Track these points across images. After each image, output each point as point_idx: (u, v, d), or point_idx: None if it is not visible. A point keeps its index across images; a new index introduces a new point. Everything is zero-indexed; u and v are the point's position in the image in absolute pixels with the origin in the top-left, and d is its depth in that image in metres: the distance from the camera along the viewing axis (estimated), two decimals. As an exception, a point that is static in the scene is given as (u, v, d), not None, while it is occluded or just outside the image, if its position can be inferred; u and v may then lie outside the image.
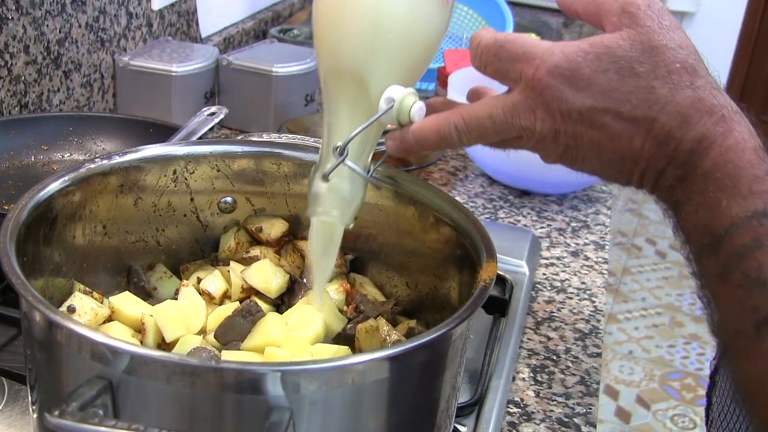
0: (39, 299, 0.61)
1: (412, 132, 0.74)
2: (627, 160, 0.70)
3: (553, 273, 1.22)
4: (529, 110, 0.70)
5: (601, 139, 0.69)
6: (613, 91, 0.68)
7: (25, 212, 0.72)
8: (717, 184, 0.65)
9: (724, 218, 0.65)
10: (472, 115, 0.72)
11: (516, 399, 0.94)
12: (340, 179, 0.77)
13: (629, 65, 0.68)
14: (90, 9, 1.40)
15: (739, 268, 0.63)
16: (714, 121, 0.67)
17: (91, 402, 0.57)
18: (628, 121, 0.68)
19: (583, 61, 0.68)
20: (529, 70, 0.69)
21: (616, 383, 3.05)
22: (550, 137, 0.71)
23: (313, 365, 0.61)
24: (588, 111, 0.68)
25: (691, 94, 0.67)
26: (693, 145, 0.67)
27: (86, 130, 1.30)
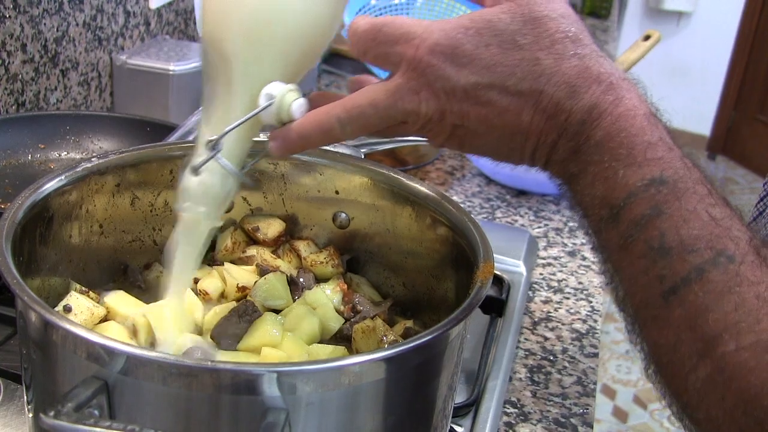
0: (35, 299, 0.61)
1: (294, 129, 0.70)
2: (517, 136, 0.67)
3: (550, 273, 1.22)
4: (412, 92, 0.67)
5: (488, 116, 0.66)
6: (497, 65, 0.65)
7: (21, 212, 0.72)
8: (611, 153, 0.64)
9: (621, 188, 0.63)
10: (354, 105, 0.69)
11: (513, 399, 0.94)
12: (211, 175, 0.73)
13: (511, 38, 0.65)
14: (87, 8, 1.40)
15: (640, 238, 0.62)
16: (603, 90, 0.65)
17: (86, 402, 0.57)
18: (515, 95, 0.65)
19: (464, 37, 0.65)
20: (409, 51, 0.66)
21: (613, 383, 3.05)
22: (436, 118, 0.68)
23: (310, 366, 0.61)
24: (473, 87, 0.65)
25: (578, 63, 0.65)
26: (583, 116, 0.65)
27: (83, 128, 1.30)
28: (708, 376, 0.59)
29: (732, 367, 0.58)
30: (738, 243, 0.61)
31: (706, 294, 0.60)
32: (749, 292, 0.59)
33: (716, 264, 0.60)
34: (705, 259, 0.60)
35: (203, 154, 0.72)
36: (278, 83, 0.71)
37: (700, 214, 0.62)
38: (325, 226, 0.91)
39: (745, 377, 0.58)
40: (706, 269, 0.60)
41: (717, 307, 0.59)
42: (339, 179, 0.88)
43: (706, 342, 0.59)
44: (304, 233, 0.92)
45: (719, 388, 0.59)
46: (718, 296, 0.59)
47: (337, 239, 0.91)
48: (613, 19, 3.04)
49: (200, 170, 0.72)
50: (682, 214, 0.61)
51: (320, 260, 0.88)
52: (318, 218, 0.91)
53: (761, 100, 4.74)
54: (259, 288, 0.82)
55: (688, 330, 0.60)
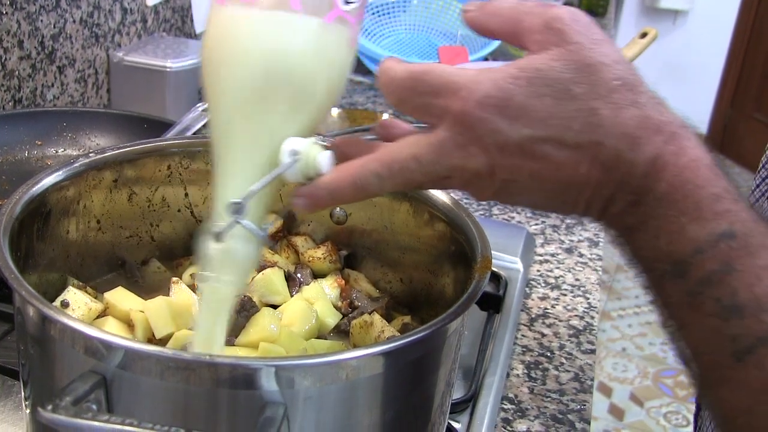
0: (32, 294, 0.61)
1: (324, 186, 0.65)
2: (572, 189, 0.63)
3: (547, 270, 1.22)
4: (460, 147, 0.62)
5: (542, 170, 0.62)
6: (552, 117, 0.60)
7: (18, 207, 0.72)
8: (676, 206, 0.60)
9: (688, 243, 0.60)
10: (393, 159, 0.63)
11: (510, 395, 0.94)
12: (234, 240, 0.67)
13: (565, 87, 0.61)
14: (84, 4, 1.40)
15: (710, 296, 0.59)
16: (664, 140, 0.61)
17: (84, 397, 0.57)
18: (572, 149, 0.61)
19: (515, 88, 0.60)
20: (456, 104, 0.61)
21: (609, 380, 3.06)
22: (485, 174, 0.63)
23: (308, 360, 0.61)
24: (527, 141, 0.61)
25: (637, 113, 0.61)
26: (646, 168, 0.61)
27: (80, 125, 1.30)
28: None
29: None
30: None
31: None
32: None
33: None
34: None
35: (225, 218, 0.66)
36: (297, 138, 0.67)
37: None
38: (322, 221, 0.91)
39: None
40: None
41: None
42: (336, 176, 0.88)
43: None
44: (302, 229, 0.92)
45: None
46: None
47: (335, 235, 0.91)
48: (609, 17, 3.05)
49: (224, 237, 0.67)
50: (755, 271, 0.59)
51: (318, 256, 0.88)
52: (315, 214, 0.91)
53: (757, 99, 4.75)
54: (257, 283, 0.82)
55: (765, 392, 0.58)
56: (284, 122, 0.67)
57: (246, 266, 0.69)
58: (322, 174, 0.65)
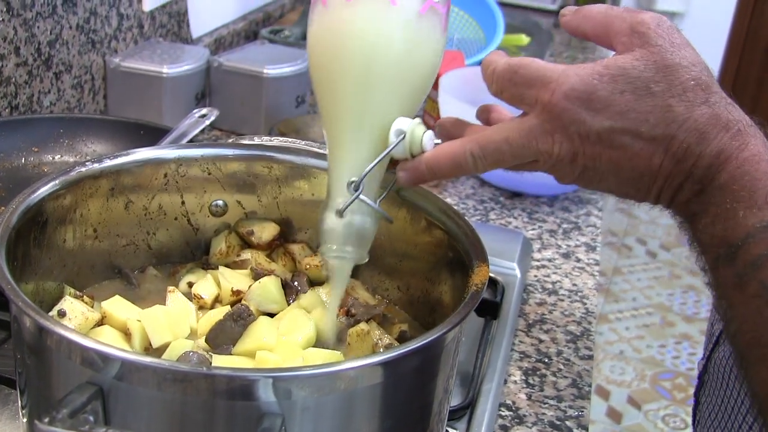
0: (29, 304, 0.61)
1: (426, 162, 0.75)
2: (645, 178, 0.71)
3: (544, 275, 1.22)
4: (546, 134, 0.70)
5: (620, 159, 0.70)
6: (631, 111, 0.68)
7: (15, 216, 0.72)
8: (733, 195, 0.66)
9: (740, 228, 0.65)
10: (488, 141, 0.72)
11: (508, 402, 0.94)
12: (353, 215, 0.76)
13: (645, 85, 0.68)
14: (81, 10, 1.40)
15: (756, 278, 0.64)
16: (730, 136, 0.68)
17: (81, 408, 0.57)
18: (647, 140, 0.69)
19: (599, 83, 0.68)
20: (545, 95, 0.69)
21: (607, 383, 3.06)
22: (568, 159, 0.71)
23: (305, 371, 0.61)
24: (607, 132, 0.69)
25: (707, 111, 0.68)
26: (711, 160, 0.68)
27: (77, 131, 1.30)
28: None
29: None
30: None
31: None
32: None
33: None
34: None
35: (344, 194, 0.76)
36: (403, 118, 0.74)
37: None
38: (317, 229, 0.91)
39: None
40: None
41: None
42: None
43: None
44: (299, 236, 0.92)
45: None
46: None
47: (332, 242, 0.91)
48: (606, 20, 3.04)
49: (345, 212, 0.76)
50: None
51: (315, 263, 0.88)
52: (312, 221, 0.91)
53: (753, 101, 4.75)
54: (254, 292, 0.82)
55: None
56: (389, 106, 0.75)
57: (366, 237, 0.78)
58: (425, 151, 0.75)
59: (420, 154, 0.75)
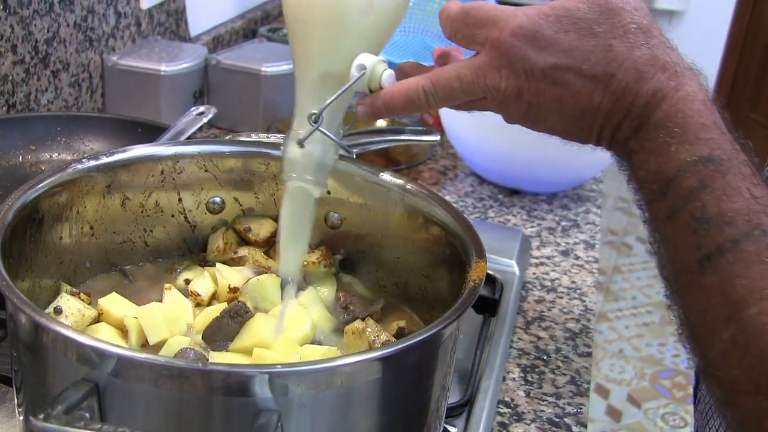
0: (25, 301, 0.61)
1: (382, 97, 0.78)
2: (586, 115, 0.75)
3: (543, 272, 1.22)
4: (494, 69, 0.74)
5: (562, 95, 0.74)
6: (574, 49, 0.72)
7: (11, 213, 0.71)
8: (667, 131, 0.70)
9: (673, 163, 0.69)
10: (440, 78, 0.76)
11: (506, 399, 0.94)
12: (314, 145, 0.79)
13: (588, 26, 0.72)
14: (78, 8, 1.39)
15: (685, 209, 0.68)
16: (667, 76, 0.72)
17: (77, 405, 0.56)
18: (588, 78, 0.73)
19: (545, 23, 0.73)
20: (494, 33, 0.74)
21: (606, 382, 3.06)
22: (514, 95, 0.75)
23: (302, 367, 0.61)
24: (550, 69, 0.73)
25: (647, 52, 0.72)
26: (648, 98, 0.71)
27: (74, 130, 1.29)
28: (731, 338, 0.64)
29: (752, 329, 0.63)
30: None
31: (738, 262, 0.64)
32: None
33: (750, 236, 0.65)
34: (740, 231, 0.65)
35: (306, 126, 0.79)
36: (367, 54, 0.77)
37: (742, 191, 0.67)
38: (317, 226, 0.91)
39: (764, 339, 0.62)
40: (740, 240, 0.65)
41: (745, 274, 0.64)
42: (331, 179, 0.88)
43: (732, 306, 0.64)
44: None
45: (740, 349, 0.63)
46: (748, 265, 0.64)
47: (330, 239, 0.91)
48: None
49: (305, 142, 0.79)
50: (725, 190, 0.67)
51: (312, 260, 0.88)
52: (310, 220, 0.91)
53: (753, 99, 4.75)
54: (250, 289, 0.82)
55: (718, 295, 0.65)
56: (353, 45, 0.77)
57: (325, 166, 0.81)
58: (383, 88, 0.78)
59: (378, 91, 0.78)
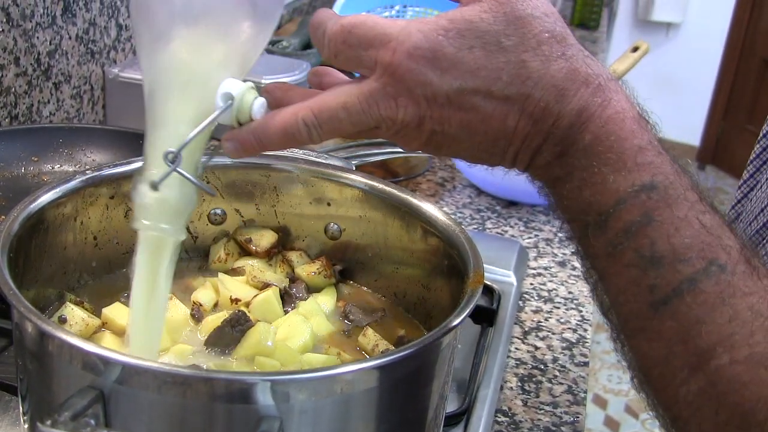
0: (31, 310, 0.62)
1: (254, 131, 0.66)
2: (500, 141, 0.64)
3: (540, 283, 1.23)
4: (389, 98, 0.63)
5: (471, 121, 0.63)
6: (481, 69, 0.61)
7: (17, 224, 0.73)
8: (600, 158, 0.62)
9: (610, 194, 0.61)
10: (323, 108, 0.64)
11: (504, 408, 0.94)
12: (170, 189, 0.66)
13: (495, 39, 0.62)
14: (80, 21, 1.41)
15: (630, 246, 0.61)
16: (591, 92, 0.62)
17: (82, 412, 0.57)
18: (501, 100, 0.62)
19: (445, 40, 0.61)
20: (386, 55, 0.62)
21: (604, 392, 3.06)
22: (414, 125, 0.64)
23: (303, 375, 0.62)
24: (456, 93, 0.62)
25: (565, 65, 0.62)
26: (572, 119, 0.62)
27: (76, 141, 1.30)
28: (700, 390, 0.59)
29: (726, 381, 0.58)
30: (729, 252, 0.60)
31: (699, 306, 0.59)
32: (742, 304, 0.59)
33: (708, 274, 0.59)
34: (697, 269, 0.59)
35: (160, 166, 0.65)
36: (232, 80, 0.66)
37: (692, 222, 0.60)
38: (317, 237, 0.92)
39: (739, 391, 0.57)
40: (698, 279, 0.59)
41: (710, 319, 0.58)
42: (330, 191, 0.89)
43: (699, 355, 0.59)
44: (297, 244, 0.93)
45: (712, 403, 0.58)
46: (711, 308, 0.59)
47: (329, 250, 0.92)
48: (602, 31, 3.06)
49: (160, 185, 0.66)
50: (674, 222, 0.60)
51: (313, 270, 0.89)
52: (310, 229, 0.92)
53: (750, 110, 4.77)
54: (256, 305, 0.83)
55: (680, 343, 0.59)
56: (215, 62, 0.66)
57: (184, 212, 0.68)
58: (254, 119, 0.66)
59: (248, 122, 0.66)
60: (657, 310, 0.60)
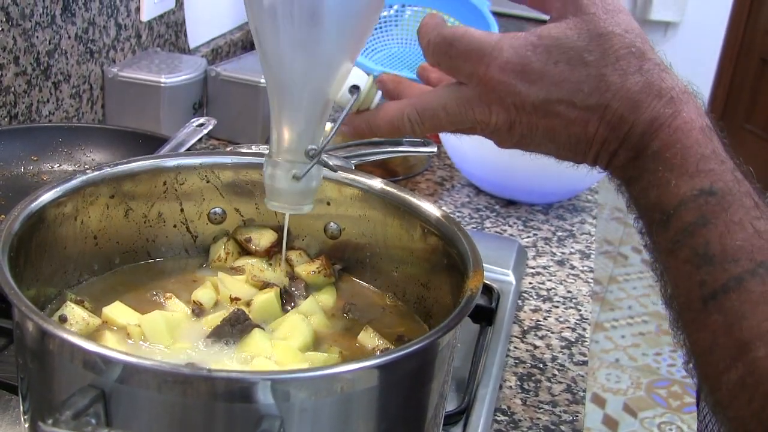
0: (32, 309, 0.62)
1: (367, 120, 0.77)
2: (582, 143, 0.73)
3: (539, 282, 1.23)
4: (483, 105, 0.72)
5: (555, 127, 0.72)
6: (565, 81, 0.70)
7: (17, 223, 0.73)
8: (666, 163, 0.68)
9: (673, 196, 0.68)
10: (426, 107, 0.74)
11: (503, 407, 0.95)
12: (309, 179, 0.79)
13: (578, 55, 0.69)
14: (79, 20, 1.41)
15: (687, 244, 0.66)
16: (663, 104, 0.69)
17: (83, 411, 0.58)
18: (582, 109, 0.70)
19: (533, 55, 0.70)
20: (480, 69, 0.71)
21: (603, 391, 3.06)
22: (505, 128, 0.73)
23: (303, 374, 0.62)
24: (542, 102, 0.70)
25: (641, 79, 0.69)
26: (644, 128, 0.69)
27: (76, 140, 1.31)
28: (739, 379, 0.63)
29: (761, 371, 0.61)
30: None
31: (743, 303, 0.63)
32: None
33: (755, 274, 0.63)
34: (745, 269, 0.64)
35: (297, 156, 0.77)
36: (357, 71, 0.76)
37: (745, 226, 0.65)
38: (316, 236, 0.92)
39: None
40: (745, 279, 0.63)
41: (752, 315, 0.63)
42: (330, 190, 0.89)
43: (739, 347, 0.63)
44: (296, 243, 0.93)
45: (748, 391, 0.62)
46: (754, 305, 0.63)
47: (329, 249, 0.92)
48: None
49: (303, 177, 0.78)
50: (727, 225, 0.65)
51: (312, 270, 0.89)
52: (309, 229, 0.92)
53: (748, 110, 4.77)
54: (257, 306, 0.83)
55: (724, 335, 0.64)
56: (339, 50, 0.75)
57: (315, 190, 0.81)
58: (370, 109, 0.78)
59: (364, 111, 0.78)
60: (706, 303, 0.65)
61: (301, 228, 0.92)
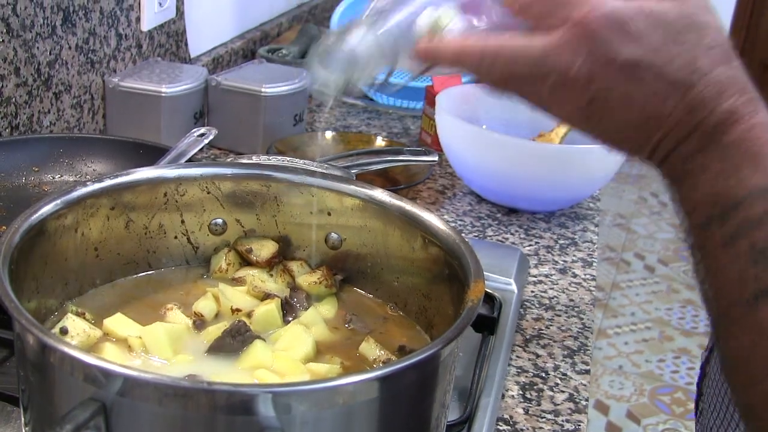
0: (32, 322, 0.62)
1: (438, 47, 0.75)
2: (651, 121, 0.70)
3: (541, 290, 1.23)
4: (571, 50, 0.69)
5: (634, 94, 0.69)
6: (660, 50, 0.68)
7: (17, 235, 0.73)
8: (739, 156, 0.67)
9: (741, 187, 0.66)
10: (505, 45, 0.72)
11: (505, 416, 0.95)
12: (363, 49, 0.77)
13: (676, 32, 0.69)
14: (80, 31, 1.41)
15: (746, 238, 0.65)
16: (745, 100, 0.69)
17: (84, 424, 0.58)
18: (668, 82, 0.68)
19: (636, 15, 0.69)
20: (581, 12, 0.69)
21: (606, 398, 3.06)
22: (581, 83, 0.70)
23: (304, 386, 0.62)
24: (632, 63, 0.68)
25: (729, 72, 0.69)
26: (721, 118, 0.68)
27: (77, 151, 1.31)
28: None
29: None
30: None
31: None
32: None
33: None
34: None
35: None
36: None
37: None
38: (317, 246, 0.92)
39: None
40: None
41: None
42: (331, 200, 0.89)
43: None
44: (297, 254, 0.93)
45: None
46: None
47: (330, 259, 0.92)
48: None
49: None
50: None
51: (313, 280, 0.89)
52: (310, 239, 0.92)
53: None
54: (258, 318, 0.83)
55: (766, 337, 0.63)
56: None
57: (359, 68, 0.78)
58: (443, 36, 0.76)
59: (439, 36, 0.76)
60: (756, 300, 0.63)
61: (302, 238, 0.92)
